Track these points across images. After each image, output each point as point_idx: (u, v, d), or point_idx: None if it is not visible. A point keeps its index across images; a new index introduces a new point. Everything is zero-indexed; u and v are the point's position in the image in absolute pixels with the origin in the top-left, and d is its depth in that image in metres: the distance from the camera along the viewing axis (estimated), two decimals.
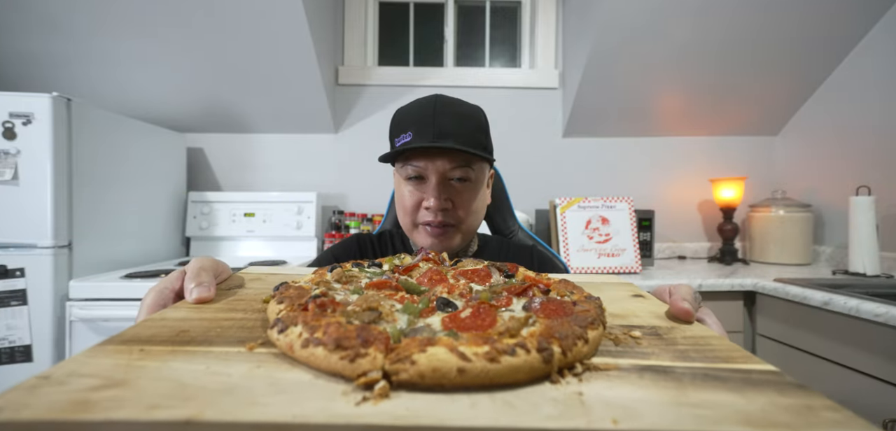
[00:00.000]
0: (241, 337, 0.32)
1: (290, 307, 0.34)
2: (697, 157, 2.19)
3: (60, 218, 1.34)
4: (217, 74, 1.88)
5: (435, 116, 0.73)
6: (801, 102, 2.04)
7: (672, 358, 0.30)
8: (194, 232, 1.94)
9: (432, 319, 0.34)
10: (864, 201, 1.58)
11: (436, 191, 0.73)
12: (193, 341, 0.31)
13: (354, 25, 2.14)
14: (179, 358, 0.28)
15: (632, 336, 0.35)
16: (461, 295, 0.41)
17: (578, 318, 0.33)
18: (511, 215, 1.06)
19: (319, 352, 0.27)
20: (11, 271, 1.29)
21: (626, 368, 0.29)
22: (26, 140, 1.31)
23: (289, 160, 2.16)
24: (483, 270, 0.50)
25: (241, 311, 0.38)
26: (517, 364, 0.25)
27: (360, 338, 0.27)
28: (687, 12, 1.70)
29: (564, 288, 0.43)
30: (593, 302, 0.38)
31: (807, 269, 1.78)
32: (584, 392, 0.25)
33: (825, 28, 1.75)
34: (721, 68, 1.89)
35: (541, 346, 0.27)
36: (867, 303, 1.14)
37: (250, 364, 0.27)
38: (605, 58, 1.85)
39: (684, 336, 0.35)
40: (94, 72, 1.87)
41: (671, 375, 0.27)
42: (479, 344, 0.26)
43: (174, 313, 0.37)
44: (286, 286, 0.40)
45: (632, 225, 1.74)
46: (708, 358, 0.30)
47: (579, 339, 0.29)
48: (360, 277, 0.47)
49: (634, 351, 0.32)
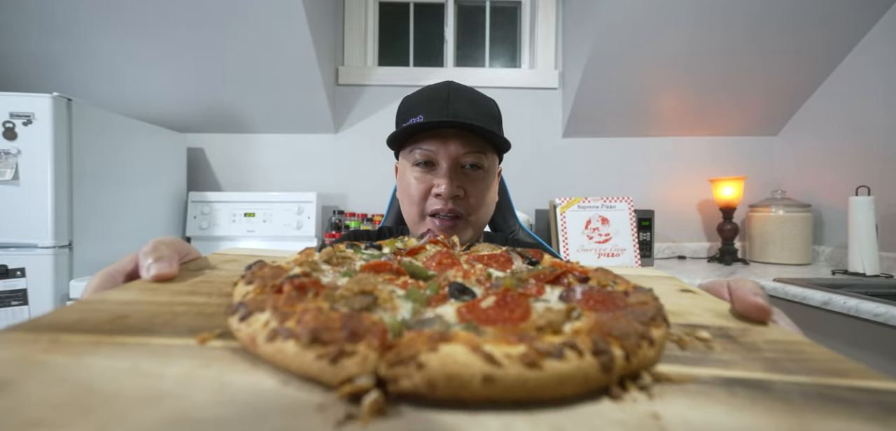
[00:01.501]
0: (195, 326, 0.25)
1: (261, 288, 0.27)
2: (697, 157, 2.19)
3: (61, 218, 1.34)
4: (217, 74, 1.88)
5: (448, 99, 0.69)
6: (801, 102, 2.05)
7: (763, 369, 0.23)
8: (194, 232, 1.94)
9: (444, 309, 0.26)
10: (863, 201, 1.58)
11: (448, 175, 0.68)
12: (130, 330, 0.24)
13: (354, 25, 2.14)
14: (101, 352, 0.21)
15: (699, 338, 0.27)
16: (478, 282, 0.33)
17: (635, 312, 0.25)
18: (512, 214, 1.06)
19: (289, 348, 0.20)
20: (12, 271, 1.29)
21: (707, 380, 0.22)
22: (27, 140, 1.31)
23: (289, 160, 2.16)
24: (502, 255, 0.42)
25: (204, 295, 0.31)
26: (566, 372, 0.19)
27: (345, 330, 0.20)
28: (687, 12, 1.70)
29: (606, 276, 0.35)
30: (647, 293, 0.30)
31: (806, 269, 1.78)
32: (660, 413, 0.18)
33: (825, 28, 1.75)
34: (721, 68, 1.89)
35: (597, 347, 0.20)
36: (867, 303, 1.14)
37: (196, 363, 0.21)
38: (605, 58, 1.85)
39: (766, 340, 0.28)
40: (94, 72, 1.87)
41: (773, 393, 0.20)
42: (512, 343, 0.20)
43: (119, 294, 0.29)
44: (261, 264, 0.32)
45: (632, 225, 1.74)
46: (811, 370, 0.23)
47: (643, 339, 0.22)
48: (355, 259, 0.39)
49: (709, 358, 0.25)
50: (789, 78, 1.94)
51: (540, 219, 2.00)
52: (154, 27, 1.71)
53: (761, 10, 1.69)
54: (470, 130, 0.67)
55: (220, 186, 2.16)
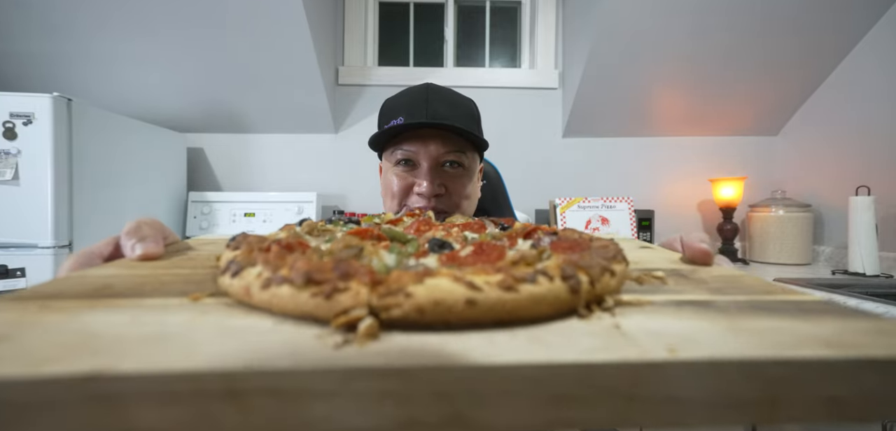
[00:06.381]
0: (185, 291, 0.25)
1: (248, 251, 0.27)
2: (697, 157, 2.19)
3: (61, 218, 1.34)
4: (217, 74, 1.88)
5: (428, 101, 0.70)
6: (801, 102, 2.04)
7: (708, 293, 0.27)
8: (194, 232, 1.94)
9: (426, 260, 0.28)
10: (863, 201, 1.58)
11: (429, 174, 0.70)
12: (119, 295, 0.24)
13: (354, 25, 2.14)
14: (97, 311, 0.21)
15: (655, 276, 0.31)
16: (456, 242, 0.35)
17: (599, 252, 0.28)
18: (511, 215, 1.06)
19: (284, 291, 0.21)
20: (12, 271, 1.29)
21: (661, 303, 0.25)
22: (27, 140, 1.31)
23: (289, 160, 2.16)
24: (476, 223, 0.44)
25: (188, 268, 0.31)
26: (539, 294, 0.21)
27: (338, 270, 0.22)
28: (687, 12, 1.70)
29: (571, 232, 0.39)
30: (609, 240, 0.34)
31: (806, 269, 1.78)
32: (621, 324, 0.21)
33: (825, 28, 1.75)
34: (721, 68, 1.89)
35: (565, 273, 0.23)
36: (867, 303, 1.14)
37: (193, 314, 0.22)
38: (605, 58, 1.85)
39: (712, 275, 0.32)
40: (94, 72, 1.87)
41: (715, 307, 0.24)
42: (490, 273, 0.22)
43: (99, 270, 0.29)
44: (244, 235, 0.33)
45: (632, 225, 1.74)
46: (747, 291, 0.27)
47: (606, 271, 0.25)
48: (336, 230, 0.40)
49: (662, 289, 0.28)
50: (789, 77, 1.94)
51: (540, 219, 2.00)
52: (154, 27, 1.71)
53: (762, 10, 1.69)
54: (449, 130, 0.69)
55: (220, 186, 2.16)
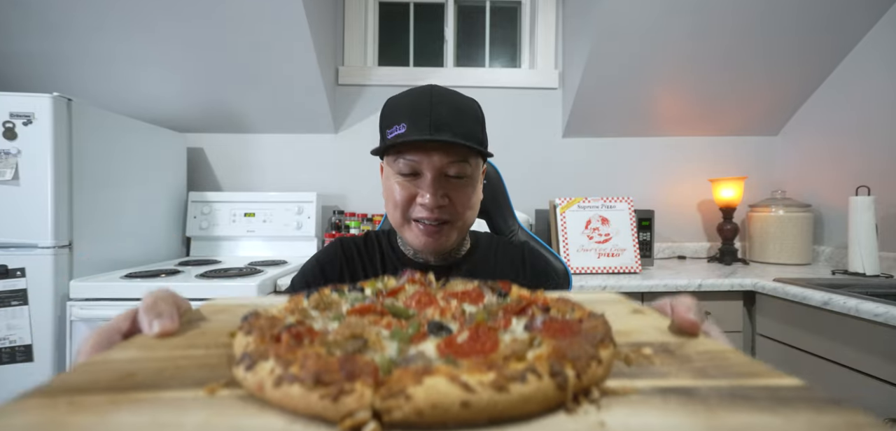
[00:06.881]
0: (200, 378, 0.28)
1: (261, 339, 0.30)
2: (697, 157, 2.19)
3: (61, 218, 1.34)
4: (217, 74, 1.88)
5: (431, 108, 0.69)
6: (801, 102, 2.05)
7: (691, 376, 0.29)
8: (194, 232, 1.94)
9: (425, 345, 0.31)
10: (863, 201, 1.58)
11: (432, 187, 0.69)
12: (141, 386, 0.26)
13: (354, 25, 2.14)
14: (122, 410, 0.23)
15: (643, 354, 0.33)
16: (454, 318, 0.38)
17: (587, 336, 0.30)
18: (511, 215, 1.06)
19: (295, 391, 0.23)
20: (12, 271, 1.29)
21: (646, 390, 0.26)
22: (27, 140, 1.31)
23: (289, 160, 2.16)
24: (474, 291, 0.48)
25: (202, 348, 0.33)
26: (529, 393, 0.23)
27: (343, 371, 0.24)
28: (687, 12, 1.70)
29: (564, 306, 0.41)
30: (598, 318, 0.36)
31: (806, 269, 1.78)
32: (606, 421, 0.22)
33: (825, 28, 1.75)
34: (721, 68, 1.89)
35: (553, 370, 0.24)
36: (867, 303, 1.14)
37: (209, 412, 0.23)
38: (605, 58, 1.85)
39: (698, 351, 0.34)
40: (94, 72, 1.87)
41: (696, 396, 0.26)
42: (483, 372, 0.24)
43: (121, 353, 0.32)
44: (256, 315, 0.36)
45: (632, 225, 1.74)
46: (729, 374, 0.29)
47: (593, 360, 0.27)
48: (341, 303, 0.43)
49: (649, 371, 0.30)
50: (790, 77, 1.94)
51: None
52: (154, 27, 1.71)
53: (762, 9, 1.69)
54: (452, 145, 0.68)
55: (220, 186, 2.16)
